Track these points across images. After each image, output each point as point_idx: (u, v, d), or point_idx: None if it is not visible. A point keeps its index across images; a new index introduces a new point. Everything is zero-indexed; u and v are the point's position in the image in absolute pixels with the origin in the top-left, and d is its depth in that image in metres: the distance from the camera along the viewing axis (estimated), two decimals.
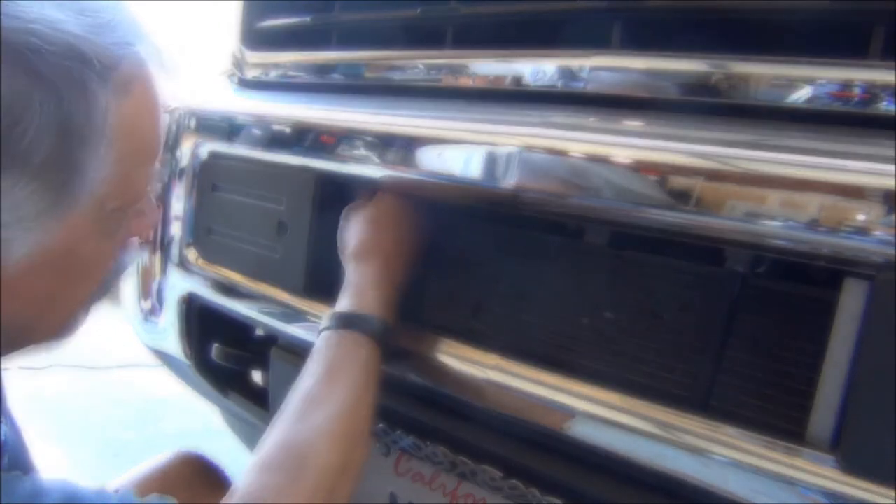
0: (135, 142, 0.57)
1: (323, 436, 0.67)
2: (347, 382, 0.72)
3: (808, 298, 0.63)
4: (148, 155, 0.60)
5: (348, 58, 1.02)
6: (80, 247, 0.57)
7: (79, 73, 0.50)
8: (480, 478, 0.77)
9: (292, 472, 0.65)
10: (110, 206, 0.57)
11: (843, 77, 0.59)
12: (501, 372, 0.75)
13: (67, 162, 0.51)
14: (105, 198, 0.56)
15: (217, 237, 1.11)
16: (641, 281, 0.73)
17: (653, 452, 0.64)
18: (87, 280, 0.61)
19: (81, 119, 0.51)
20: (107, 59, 0.53)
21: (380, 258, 0.81)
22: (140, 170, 0.59)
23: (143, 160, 0.59)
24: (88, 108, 0.51)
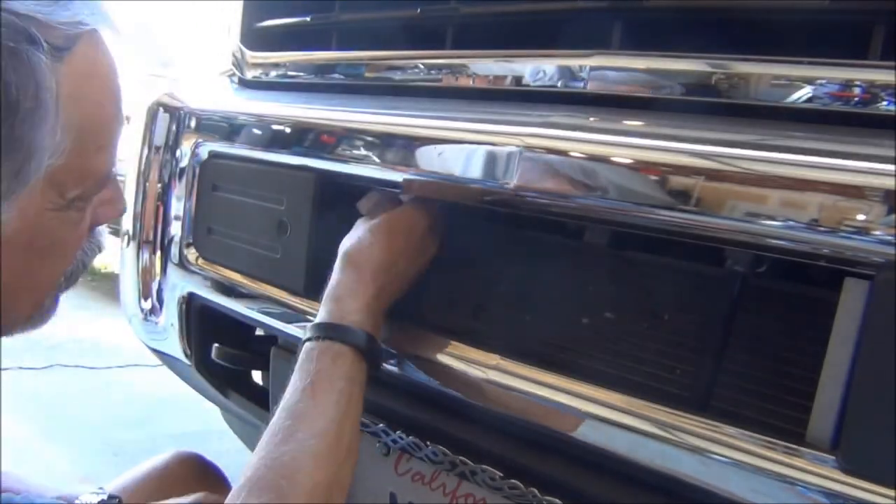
0: (90, 122, 0.55)
1: (308, 454, 0.66)
2: (331, 398, 0.70)
3: (808, 298, 0.63)
4: (106, 137, 0.57)
5: (348, 58, 1.02)
6: (42, 236, 0.56)
7: (26, 54, 0.48)
8: (480, 478, 0.77)
9: (280, 493, 0.64)
10: (71, 193, 0.55)
11: (843, 77, 0.59)
12: (501, 372, 0.75)
13: (18, 147, 0.49)
14: (64, 183, 0.54)
15: (217, 237, 1.11)
16: (641, 281, 0.73)
17: (653, 452, 0.64)
18: (52, 270, 0.61)
19: (31, 101, 0.48)
20: (57, 38, 0.50)
21: (367, 266, 0.78)
22: (99, 153, 0.57)
23: (101, 142, 0.57)
24: (38, 90, 0.49)
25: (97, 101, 0.55)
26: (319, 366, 0.72)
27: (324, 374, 0.71)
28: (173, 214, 1.19)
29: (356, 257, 0.79)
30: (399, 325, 0.84)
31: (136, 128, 1.27)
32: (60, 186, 0.54)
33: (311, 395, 0.70)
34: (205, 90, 1.23)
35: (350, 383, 0.72)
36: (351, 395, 0.72)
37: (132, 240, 1.28)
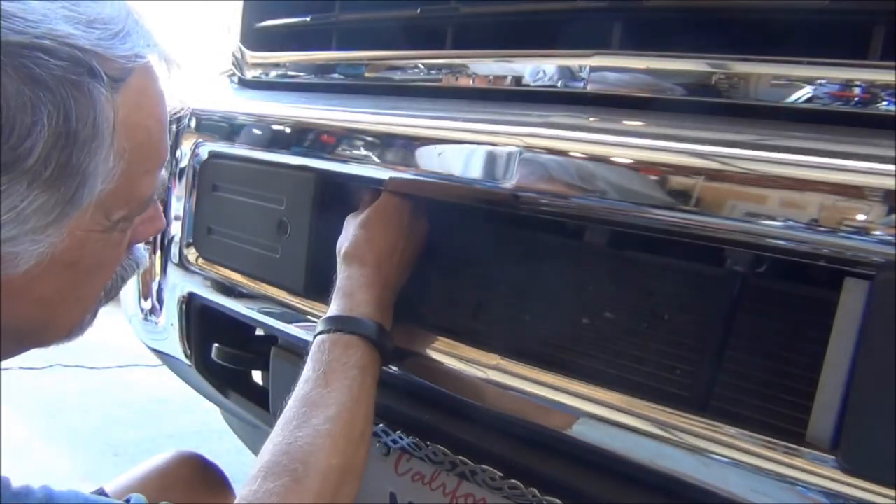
0: (141, 151, 0.57)
1: (323, 438, 0.68)
2: (344, 384, 0.71)
3: (808, 298, 0.63)
4: (154, 163, 0.60)
5: (348, 58, 1.02)
6: (86, 256, 0.57)
7: (87, 86, 0.50)
8: (480, 478, 0.77)
9: (295, 476, 0.65)
10: (116, 216, 0.57)
11: (843, 77, 0.59)
12: (501, 372, 0.75)
13: (75, 174, 0.51)
14: (111, 206, 0.56)
15: (217, 237, 1.11)
16: (641, 281, 0.73)
17: (653, 452, 0.64)
18: (93, 287, 0.62)
19: (89, 132, 0.51)
20: (115, 71, 0.53)
21: (370, 260, 0.80)
22: (146, 177, 0.59)
23: (149, 167, 0.59)
24: (96, 120, 0.51)
25: (147, 128, 0.57)
26: (331, 356, 0.73)
27: (336, 363, 0.73)
28: (173, 214, 1.19)
29: (357, 253, 0.81)
30: (399, 325, 0.84)
31: None
32: (108, 209, 0.56)
33: (324, 384, 0.71)
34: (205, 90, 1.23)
35: (362, 372, 0.73)
36: (363, 383, 0.73)
37: None
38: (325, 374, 0.72)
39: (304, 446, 0.67)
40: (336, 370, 0.72)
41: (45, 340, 0.64)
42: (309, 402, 0.70)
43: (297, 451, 0.67)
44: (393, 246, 0.82)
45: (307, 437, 0.68)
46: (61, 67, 0.49)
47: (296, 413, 0.70)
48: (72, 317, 0.63)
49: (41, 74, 0.48)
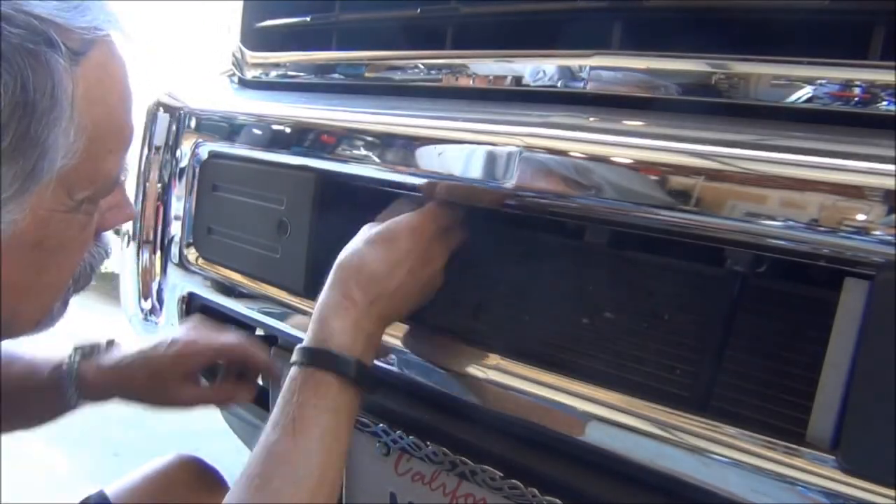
0: (104, 129, 0.55)
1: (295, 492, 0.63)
2: (314, 434, 0.65)
3: (807, 298, 0.63)
4: (116, 141, 0.58)
5: (348, 58, 1.02)
6: (50, 236, 0.56)
7: (44, 55, 0.49)
8: (480, 478, 0.77)
9: None
10: (80, 195, 0.56)
11: (843, 77, 0.59)
12: (501, 372, 0.75)
13: (34, 146, 0.49)
14: (74, 185, 0.55)
15: (217, 237, 1.11)
16: (641, 281, 0.73)
17: (653, 452, 0.64)
18: (60, 272, 0.61)
19: (47, 102, 0.49)
20: (75, 43, 0.51)
21: (359, 282, 0.72)
22: (109, 157, 0.57)
23: (112, 146, 0.57)
24: (54, 90, 0.49)
25: (110, 105, 0.56)
26: (302, 397, 0.67)
27: (306, 407, 0.66)
28: (173, 214, 1.19)
29: (346, 270, 0.73)
30: (399, 326, 0.84)
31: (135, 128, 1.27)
32: (70, 188, 0.55)
33: (292, 432, 0.65)
34: (205, 90, 1.23)
35: (335, 415, 0.67)
36: (337, 429, 0.67)
37: (132, 240, 1.28)
38: (294, 422, 0.65)
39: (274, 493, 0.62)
40: (306, 416, 0.66)
41: (13, 330, 0.62)
42: (274, 456, 0.64)
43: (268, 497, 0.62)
44: (389, 269, 0.72)
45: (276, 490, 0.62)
46: (18, 35, 0.47)
47: (260, 469, 0.64)
48: (40, 304, 0.61)
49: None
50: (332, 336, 0.69)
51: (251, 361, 0.98)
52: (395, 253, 0.73)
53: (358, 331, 0.70)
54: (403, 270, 0.73)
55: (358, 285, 0.72)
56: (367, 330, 0.71)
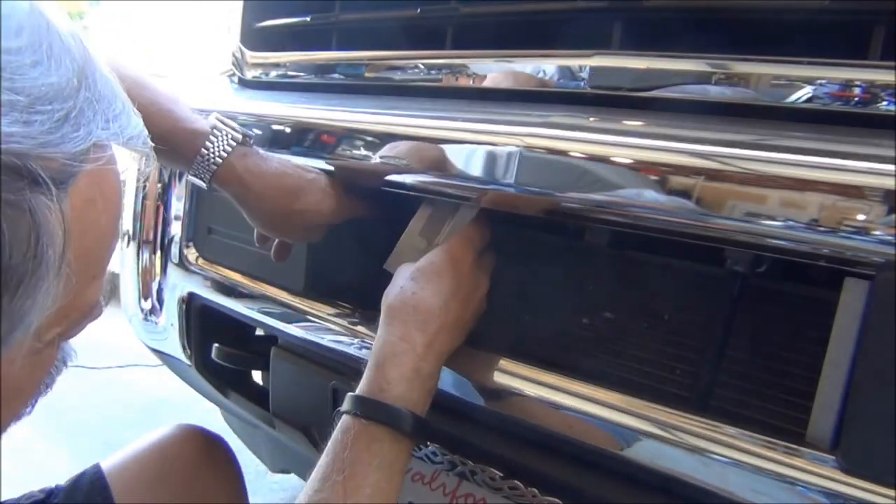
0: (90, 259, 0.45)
1: None
2: (364, 493, 0.63)
3: (807, 298, 0.63)
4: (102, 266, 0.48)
5: (348, 58, 1.02)
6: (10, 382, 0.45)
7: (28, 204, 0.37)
8: (480, 478, 0.77)
9: None
10: (50, 335, 0.45)
11: (843, 77, 0.59)
12: (501, 372, 0.75)
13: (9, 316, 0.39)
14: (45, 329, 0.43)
15: (217, 237, 1.11)
16: (641, 281, 0.73)
17: (653, 452, 0.64)
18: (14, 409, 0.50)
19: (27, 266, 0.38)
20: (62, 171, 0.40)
21: (414, 320, 0.69)
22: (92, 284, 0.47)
23: (96, 273, 0.47)
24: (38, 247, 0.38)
25: (99, 230, 0.45)
26: (354, 452, 0.64)
27: (358, 464, 0.64)
28: (173, 214, 1.19)
29: (400, 310, 0.70)
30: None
31: None
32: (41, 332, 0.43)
33: (342, 490, 0.62)
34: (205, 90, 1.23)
35: (388, 471, 0.65)
36: (388, 487, 0.65)
37: (132, 240, 1.28)
38: (345, 479, 0.63)
39: None
40: (356, 474, 0.63)
41: None
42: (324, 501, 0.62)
43: None
44: (445, 303, 0.70)
45: None
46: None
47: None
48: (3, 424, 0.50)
49: None
50: (389, 386, 0.67)
51: None
52: (446, 286, 0.71)
53: (416, 378, 0.68)
54: (457, 303, 0.71)
55: (416, 326, 0.69)
56: (424, 374, 0.69)
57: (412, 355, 0.68)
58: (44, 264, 0.39)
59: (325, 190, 0.85)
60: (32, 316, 0.40)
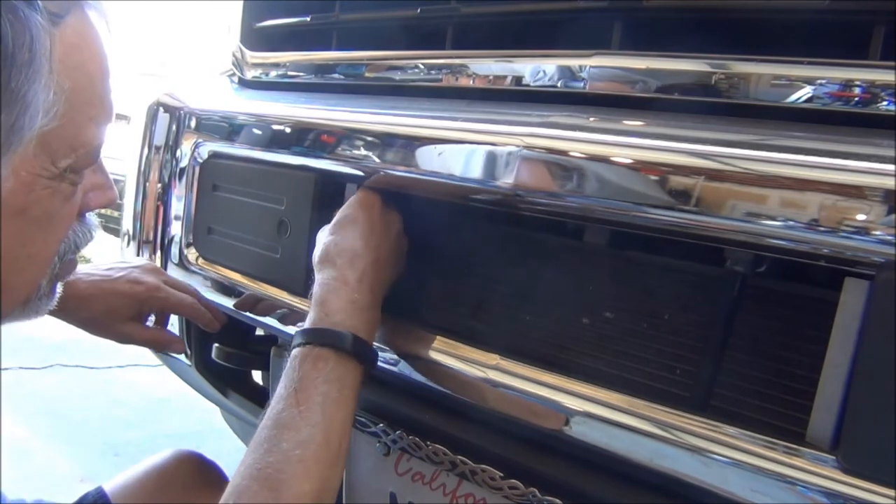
0: (83, 96, 0.57)
1: (294, 465, 0.65)
2: (315, 402, 0.69)
3: (808, 298, 0.63)
4: (98, 111, 0.59)
5: (348, 58, 1.02)
6: (34, 203, 0.57)
7: (22, 11, 0.50)
8: (480, 478, 0.77)
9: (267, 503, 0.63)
10: (63, 163, 0.57)
11: (843, 77, 0.59)
12: (501, 372, 0.75)
13: (14, 101, 0.51)
14: (56, 150, 0.56)
15: (217, 237, 1.11)
16: (641, 281, 0.73)
17: (653, 452, 0.64)
18: (45, 244, 0.61)
19: (25, 56, 0.50)
20: (52, 5, 0.53)
21: (341, 262, 0.77)
22: (90, 125, 0.58)
23: (93, 114, 0.59)
24: (32, 45, 0.51)
25: (88, 72, 0.57)
26: (301, 372, 0.70)
27: (306, 379, 0.70)
28: (173, 214, 1.19)
29: (328, 258, 0.78)
30: (399, 325, 0.84)
31: (136, 128, 1.27)
32: (52, 153, 0.56)
33: (295, 403, 0.68)
34: (205, 90, 1.23)
35: (337, 386, 0.70)
36: (339, 398, 0.70)
37: (132, 240, 1.28)
38: (296, 393, 0.69)
39: (274, 473, 0.65)
40: (307, 387, 0.69)
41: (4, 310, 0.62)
42: (280, 424, 0.68)
43: (267, 479, 0.64)
44: (366, 245, 0.78)
45: (277, 462, 0.65)
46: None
47: (267, 435, 0.67)
48: (26, 278, 0.62)
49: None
50: (329, 315, 0.74)
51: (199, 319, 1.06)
52: (361, 228, 0.80)
53: (353, 307, 0.75)
54: (375, 241, 0.80)
55: (346, 265, 0.77)
56: (361, 305, 0.75)
57: (347, 289, 0.75)
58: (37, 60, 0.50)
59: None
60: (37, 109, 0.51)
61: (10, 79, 0.50)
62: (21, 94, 0.51)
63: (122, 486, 1.00)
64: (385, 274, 0.81)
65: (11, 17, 0.49)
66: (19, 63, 0.50)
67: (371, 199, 0.83)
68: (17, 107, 0.51)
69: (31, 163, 0.55)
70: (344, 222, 0.81)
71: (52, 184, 0.57)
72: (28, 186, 0.56)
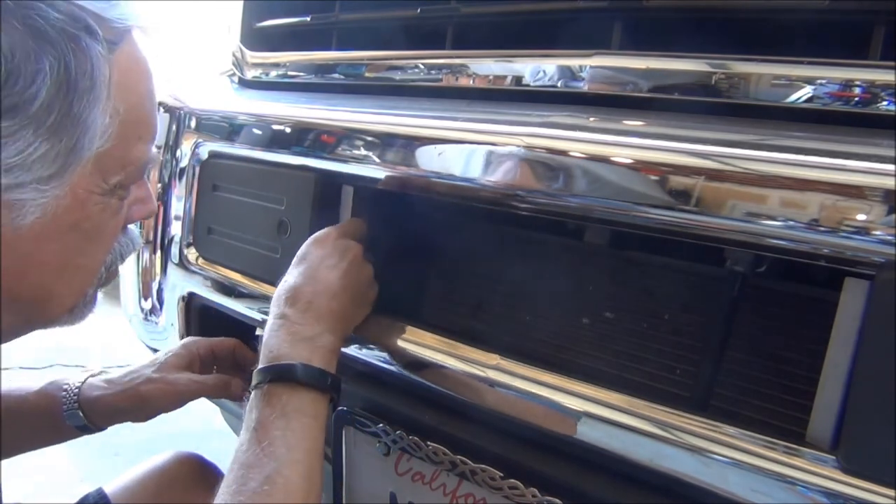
0: (134, 116, 0.60)
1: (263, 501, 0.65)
2: (276, 437, 0.68)
3: (808, 298, 0.63)
4: (145, 129, 0.63)
5: (348, 58, 1.02)
6: (87, 219, 0.60)
7: (84, 42, 0.54)
8: (480, 478, 0.77)
9: None
10: (113, 179, 0.60)
11: (843, 77, 0.59)
12: (501, 372, 0.75)
13: (75, 124, 0.54)
14: (108, 169, 0.59)
15: (217, 237, 1.11)
16: (641, 281, 0.73)
17: (653, 452, 0.64)
18: (94, 255, 0.64)
19: (87, 83, 0.54)
20: (109, 33, 0.56)
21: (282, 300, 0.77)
22: (138, 144, 0.62)
23: (141, 133, 0.62)
24: (93, 73, 0.54)
25: (139, 94, 0.61)
26: (257, 412, 0.71)
27: (263, 417, 0.70)
28: (173, 214, 1.19)
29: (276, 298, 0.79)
30: (399, 325, 0.84)
31: None
32: (105, 171, 0.59)
33: (256, 442, 0.68)
34: (205, 90, 1.23)
35: (296, 416, 0.70)
36: (300, 428, 0.69)
37: None
38: (255, 432, 0.69)
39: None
40: (265, 425, 0.69)
41: (48, 314, 0.64)
42: (245, 465, 0.67)
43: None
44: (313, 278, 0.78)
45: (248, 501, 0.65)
46: (62, 21, 0.52)
47: (234, 476, 0.67)
48: (74, 287, 0.64)
49: (44, 27, 0.51)
50: (272, 352, 0.73)
51: (242, 358, 1.02)
52: (309, 262, 0.80)
53: (296, 339, 0.74)
54: (323, 271, 0.79)
55: (286, 303, 0.77)
56: (305, 335, 0.75)
57: (287, 324, 0.75)
58: (97, 87, 0.55)
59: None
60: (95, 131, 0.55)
61: (73, 105, 0.54)
62: (82, 119, 0.55)
63: (123, 487, 1.00)
64: (339, 302, 0.78)
65: (74, 46, 0.53)
66: (81, 90, 0.54)
67: (327, 233, 0.83)
68: (77, 130, 0.55)
69: (87, 181, 0.58)
70: (296, 261, 0.81)
71: (103, 200, 0.61)
72: (82, 203, 0.59)
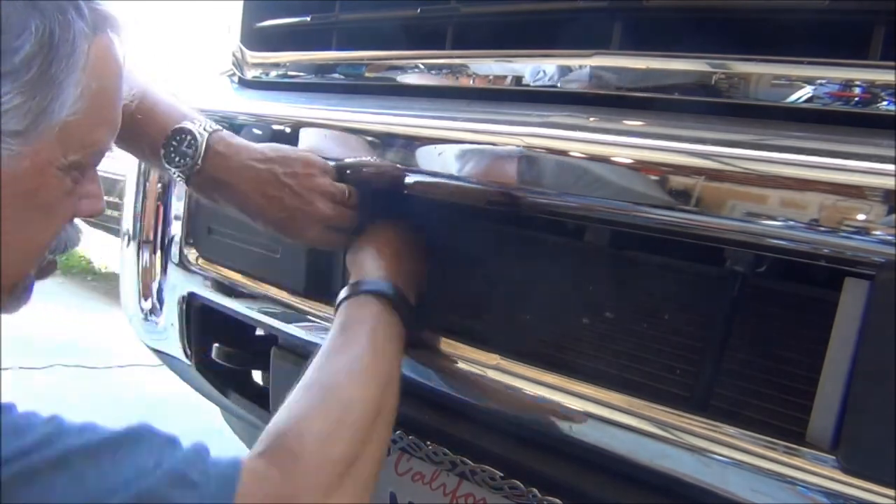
0: (102, 98, 0.62)
1: (345, 376, 0.69)
2: (363, 332, 0.73)
3: (808, 298, 0.63)
4: (110, 116, 0.64)
5: (348, 58, 1.02)
6: (41, 189, 0.60)
7: (71, 15, 0.57)
8: (480, 478, 0.77)
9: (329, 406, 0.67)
10: (72, 157, 0.61)
11: (843, 77, 0.59)
12: (501, 372, 0.75)
13: (50, 85, 0.56)
14: (69, 144, 0.60)
15: (217, 237, 1.11)
16: (641, 281, 0.73)
17: (653, 452, 0.64)
18: (41, 230, 0.64)
19: (68, 49, 0.57)
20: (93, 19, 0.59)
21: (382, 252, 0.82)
22: (101, 128, 0.63)
23: (106, 119, 0.64)
24: (74, 42, 0.57)
25: (110, 83, 0.63)
26: (346, 316, 0.75)
27: (351, 319, 0.75)
28: (173, 214, 1.19)
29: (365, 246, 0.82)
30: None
31: None
32: (66, 146, 0.60)
33: (342, 333, 0.73)
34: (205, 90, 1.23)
35: (383, 324, 0.74)
36: (385, 334, 0.74)
37: (132, 240, 1.28)
38: (343, 329, 0.74)
39: (332, 375, 0.69)
40: (352, 325, 0.74)
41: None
42: (330, 351, 0.72)
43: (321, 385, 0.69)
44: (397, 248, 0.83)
45: (333, 373, 0.70)
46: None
47: (318, 362, 0.71)
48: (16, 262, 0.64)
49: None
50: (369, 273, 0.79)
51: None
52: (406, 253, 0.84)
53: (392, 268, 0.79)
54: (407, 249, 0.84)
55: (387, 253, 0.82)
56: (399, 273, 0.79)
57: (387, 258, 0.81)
58: (76, 55, 0.57)
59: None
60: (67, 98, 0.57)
61: (52, 65, 0.56)
62: (57, 82, 0.56)
63: None
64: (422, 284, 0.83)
65: (61, 17, 0.56)
66: (61, 54, 0.56)
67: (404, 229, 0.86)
68: (51, 91, 0.56)
69: (48, 151, 0.59)
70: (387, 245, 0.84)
71: (59, 175, 0.61)
72: (40, 171, 0.59)
